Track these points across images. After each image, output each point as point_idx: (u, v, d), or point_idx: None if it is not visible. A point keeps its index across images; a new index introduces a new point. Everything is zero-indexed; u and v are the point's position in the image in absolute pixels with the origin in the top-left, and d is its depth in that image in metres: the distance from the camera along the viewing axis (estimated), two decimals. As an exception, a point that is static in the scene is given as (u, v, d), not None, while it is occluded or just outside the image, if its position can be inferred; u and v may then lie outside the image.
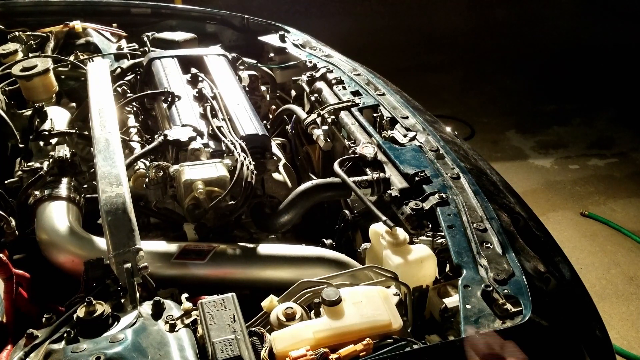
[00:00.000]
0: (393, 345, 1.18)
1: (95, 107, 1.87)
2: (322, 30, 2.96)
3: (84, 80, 2.17)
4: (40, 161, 1.85)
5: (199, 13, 3.19)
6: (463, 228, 1.51)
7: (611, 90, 5.68)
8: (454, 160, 1.81)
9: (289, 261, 1.59)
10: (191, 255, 1.56)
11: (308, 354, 1.11)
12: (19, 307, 1.50)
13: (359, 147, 1.88)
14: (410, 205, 1.61)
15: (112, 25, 2.97)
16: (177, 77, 2.23)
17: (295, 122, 2.40)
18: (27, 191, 1.76)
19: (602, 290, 3.40)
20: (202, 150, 1.78)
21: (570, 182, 4.46)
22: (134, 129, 2.07)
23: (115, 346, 1.13)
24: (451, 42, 6.77)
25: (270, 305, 1.29)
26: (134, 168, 1.77)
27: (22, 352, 1.19)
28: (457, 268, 1.38)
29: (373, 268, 1.39)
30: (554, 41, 6.78)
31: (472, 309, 1.26)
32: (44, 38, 2.77)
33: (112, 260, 1.33)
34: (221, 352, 1.09)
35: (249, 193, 1.66)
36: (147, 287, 1.38)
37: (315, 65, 2.52)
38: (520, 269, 1.37)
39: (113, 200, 1.44)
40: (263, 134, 1.89)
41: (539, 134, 5.10)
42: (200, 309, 1.20)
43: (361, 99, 2.18)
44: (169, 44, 2.73)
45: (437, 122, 2.16)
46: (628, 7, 6.98)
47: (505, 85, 5.97)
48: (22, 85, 2.30)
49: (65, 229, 1.60)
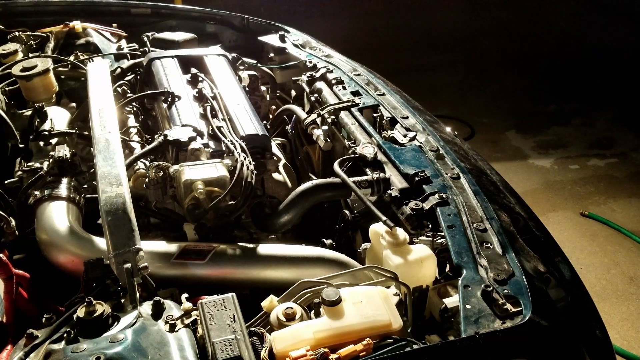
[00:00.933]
0: (393, 345, 1.18)
1: (95, 107, 1.87)
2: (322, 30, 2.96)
3: (84, 80, 2.17)
4: (40, 161, 1.85)
5: (199, 13, 3.19)
6: (463, 228, 1.50)
7: (611, 90, 5.68)
8: (454, 160, 1.81)
9: (289, 261, 1.59)
10: (191, 255, 1.56)
11: (308, 354, 1.11)
12: (19, 307, 1.50)
13: (359, 147, 1.88)
14: (410, 205, 1.60)
15: (112, 25, 2.97)
16: (177, 77, 2.23)
17: (295, 122, 2.39)
18: (27, 191, 1.76)
19: (602, 290, 3.40)
20: (202, 150, 1.78)
21: (570, 182, 4.46)
22: (134, 129, 2.07)
23: (115, 346, 1.13)
24: (451, 42, 6.76)
25: (270, 305, 1.29)
26: (134, 168, 1.77)
27: (22, 352, 1.19)
28: (457, 268, 1.38)
29: (373, 268, 1.39)
30: (554, 41, 6.78)
31: (472, 309, 1.26)
32: (44, 38, 2.77)
33: (112, 260, 1.33)
34: (221, 352, 1.09)
35: (249, 193, 1.66)
36: (147, 287, 1.38)
37: (315, 65, 2.52)
38: (520, 269, 1.37)
39: (113, 200, 1.44)
40: (263, 134, 1.89)
41: (539, 134, 5.10)
42: (200, 309, 1.20)
43: (361, 99, 2.18)
44: (169, 44, 2.73)
45: (437, 122, 2.16)
46: (628, 7, 6.98)
47: (505, 85, 5.97)
48: (22, 85, 2.30)
49: (65, 229, 1.60)
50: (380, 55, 5.57)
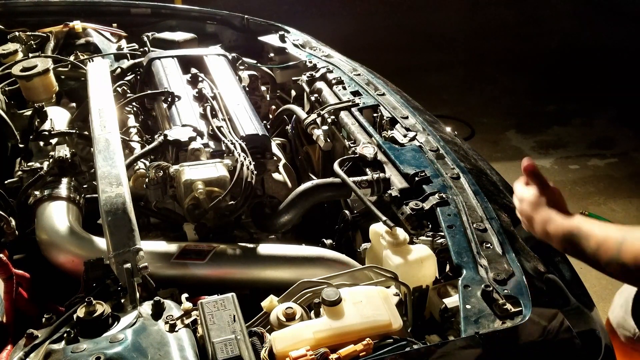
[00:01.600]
0: (393, 345, 1.18)
1: (95, 107, 1.87)
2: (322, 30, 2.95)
3: (84, 80, 2.16)
4: (40, 161, 1.85)
5: (199, 13, 3.19)
6: (463, 228, 1.51)
7: (611, 90, 5.68)
8: (454, 160, 1.81)
9: (289, 261, 1.59)
10: (191, 255, 1.56)
11: (308, 354, 1.11)
12: (19, 307, 1.50)
13: (359, 147, 1.88)
14: (410, 205, 1.61)
15: (112, 25, 2.97)
16: (177, 77, 2.23)
17: (295, 122, 2.39)
18: (27, 191, 1.76)
19: (602, 290, 3.39)
20: (202, 150, 1.78)
21: (570, 182, 4.46)
22: (134, 129, 2.07)
23: (115, 346, 1.13)
24: (451, 42, 6.76)
25: (270, 305, 1.29)
26: (134, 168, 1.77)
27: (22, 352, 1.19)
28: (457, 268, 1.38)
29: (373, 268, 1.39)
30: (554, 41, 6.77)
31: (472, 309, 1.26)
32: (44, 38, 2.76)
33: (112, 260, 1.33)
34: (221, 352, 1.09)
35: (249, 193, 1.66)
36: (147, 287, 1.38)
37: (315, 65, 2.52)
38: (520, 269, 1.37)
39: (113, 200, 1.44)
40: (263, 134, 1.89)
41: (539, 134, 5.09)
42: (200, 309, 1.20)
43: (361, 99, 2.18)
44: (169, 44, 2.72)
45: (437, 122, 2.16)
46: (628, 7, 6.98)
47: (505, 85, 5.96)
48: (22, 85, 2.30)
49: (65, 229, 1.60)
50: (380, 55, 5.56)
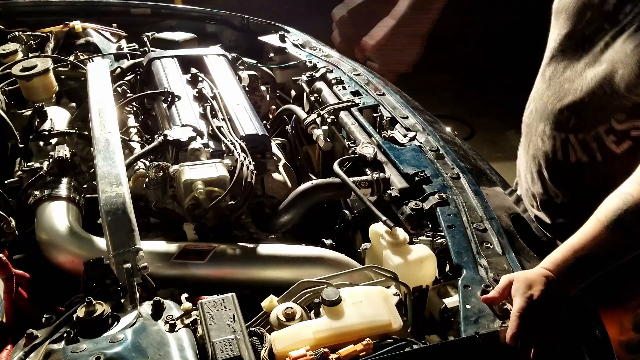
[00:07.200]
0: (393, 345, 1.18)
1: (95, 107, 1.87)
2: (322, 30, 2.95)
3: (84, 80, 2.16)
4: (40, 161, 1.85)
5: (199, 13, 3.19)
6: (463, 228, 1.51)
7: (611, 90, 5.67)
8: (454, 160, 1.81)
9: (289, 261, 1.59)
10: (191, 255, 1.56)
11: (308, 354, 1.11)
12: (19, 307, 1.50)
13: (358, 147, 1.88)
14: (410, 205, 1.60)
15: (112, 25, 2.96)
16: (177, 77, 2.23)
17: (295, 122, 2.39)
18: (27, 191, 1.75)
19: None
20: (202, 150, 1.78)
21: (570, 182, 4.45)
22: (134, 129, 2.07)
23: (115, 346, 1.13)
24: (451, 42, 6.75)
25: (270, 305, 1.29)
26: (134, 168, 1.77)
27: (22, 352, 1.18)
28: (457, 268, 1.38)
29: (373, 268, 1.39)
30: (554, 41, 6.77)
31: (472, 309, 1.26)
32: (44, 38, 2.76)
33: (112, 260, 1.33)
34: (221, 352, 1.09)
35: (249, 193, 1.66)
36: (147, 287, 1.37)
37: (315, 65, 2.52)
38: (520, 269, 1.37)
39: (113, 200, 1.44)
40: (263, 134, 1.89)
41: (539, 134, 5.09)
42: (200, 309, 1.20)
43: (361, 99, 2.18)
44: (169, 44, 2.72)
45: (437, 122, 2.16)
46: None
47: (505, 85, 5.96)
48: (22, 85, 2.30)
49: (65, 229, 1.60)
50: (380, 55, 5.55)
